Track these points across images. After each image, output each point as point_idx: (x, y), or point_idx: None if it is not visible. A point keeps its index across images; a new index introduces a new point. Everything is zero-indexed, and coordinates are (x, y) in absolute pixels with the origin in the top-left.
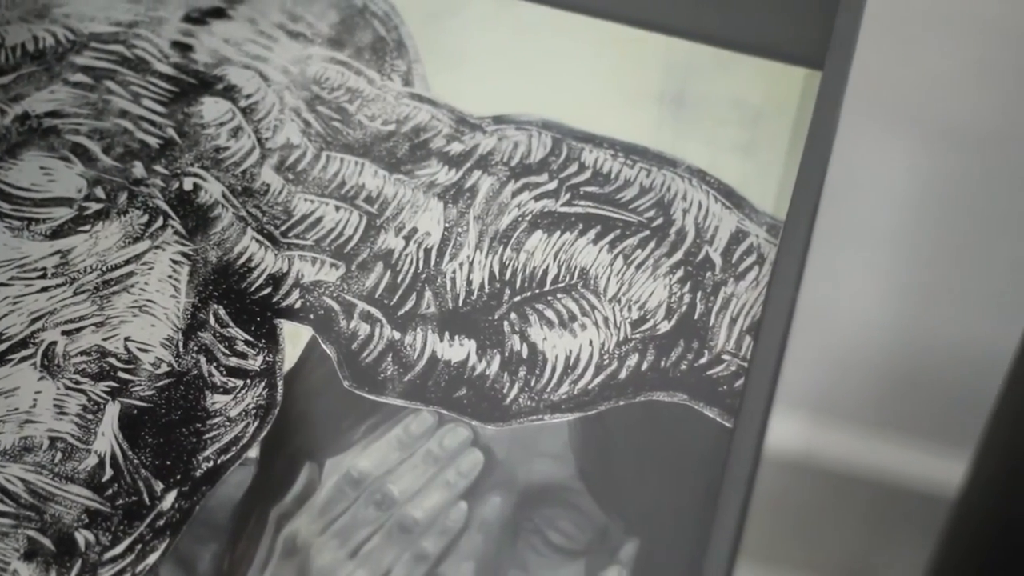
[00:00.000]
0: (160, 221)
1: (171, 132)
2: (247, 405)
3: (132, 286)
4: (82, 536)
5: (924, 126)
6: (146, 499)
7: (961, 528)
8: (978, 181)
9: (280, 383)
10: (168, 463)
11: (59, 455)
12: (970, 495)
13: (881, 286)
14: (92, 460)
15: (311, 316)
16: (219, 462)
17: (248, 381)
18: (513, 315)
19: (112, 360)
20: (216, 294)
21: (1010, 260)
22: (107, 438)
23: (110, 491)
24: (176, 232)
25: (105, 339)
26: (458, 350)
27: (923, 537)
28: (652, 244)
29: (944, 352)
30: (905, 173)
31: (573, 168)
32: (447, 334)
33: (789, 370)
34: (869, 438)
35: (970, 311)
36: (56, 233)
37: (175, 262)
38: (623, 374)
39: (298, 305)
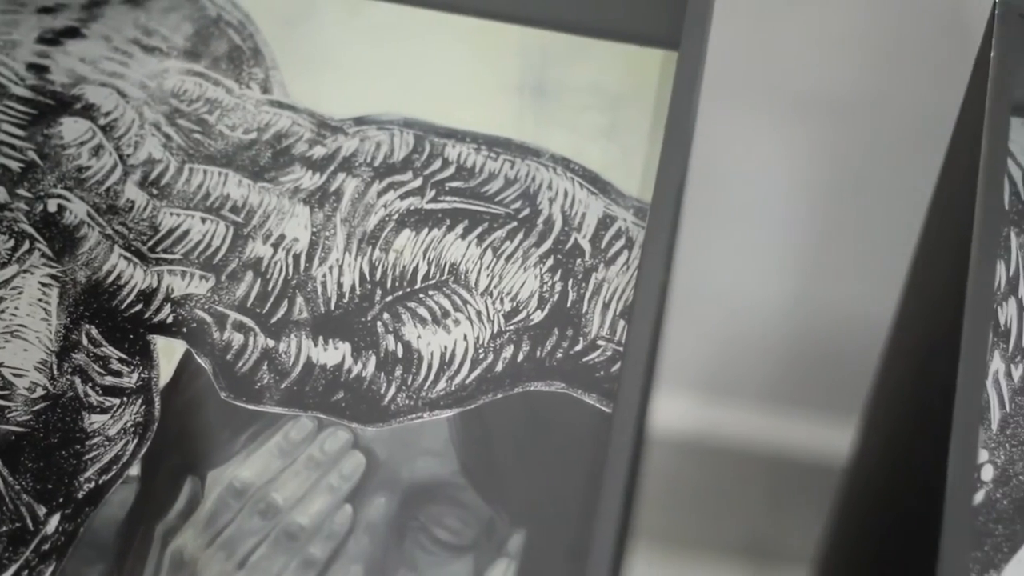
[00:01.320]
0: (27, 245)
1: (32, 155)
2: (125, 423)
3: (2, 312)
4: None
5: (788, 99)
6: (29, 524)
7: (849, 496)
8: (847, 150)
9: (157, 399)
10: (50, 486)
11: None
12: (856, 463)
13: (763, 261)
14: None
15: (184, 330)
16: (101, 482)
17: (125, 399)
18: (386, 315)
19: None
20: (87, 314)
21: (885, 227)
22: None
23: None
24: (43, 255)
25: None
26: (333, 354)
27: (818, 507)
28: (520, 235)
29: (827, 323)
30: (774, 147)
31: (437, 164)
32: (321, 338)
33: (677, 351)
34: (760, 413)
35: (850, 280)
36: None
37: (44, 285)
38: (499, 367)
39: (170, 320)
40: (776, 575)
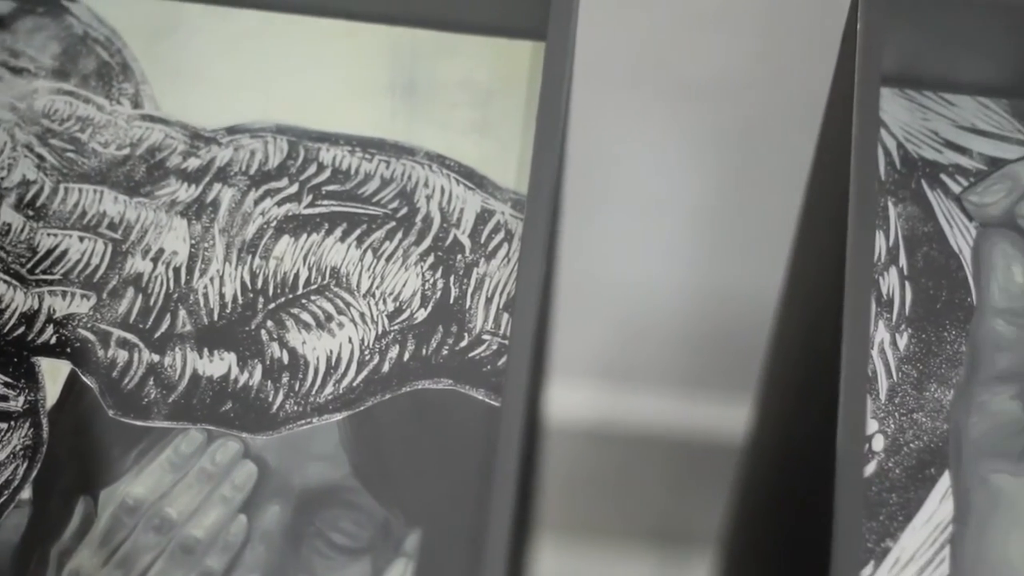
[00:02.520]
0: None
1: None
2: (14, 447)
3: None
4: None
5: (666, 83)
6: None
7: (749, 474)
8: (728, 131)
9: (45, 421)
10: None
11: None
12: (753, 441)
13: (653, 246)
14: None
15: (68, 350)
16: None
17: (12, 423)
18: (270, 323)
19: None
20: None
21: (772, 205)
22: None
23: None
24: None
25: None
26: (219, 364)
27: (723, 488)
28: (400, 234)
29: (720, 304)
30: (656, 132)
31: (312, 169)
32: (206, 350)
33: (573, 340)
34: (660, 397)
35: (740, 260)
36: None
37: None
38: (386, 367)
39: (53, 341)
40: (683, 558)
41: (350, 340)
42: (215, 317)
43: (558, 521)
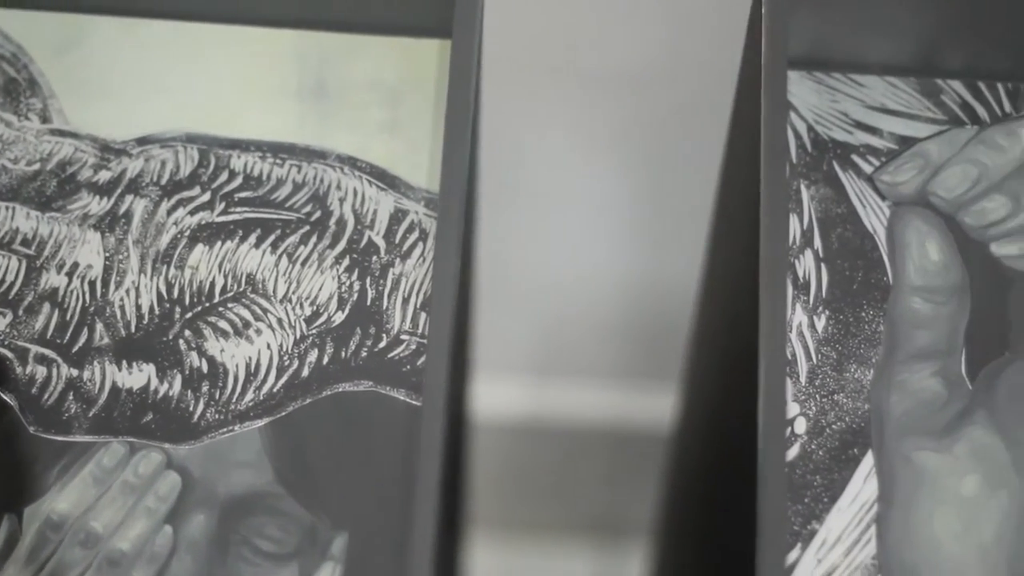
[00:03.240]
0: None
1: None
2: None
3: None
4: None
5: (578, 76)
6: None
7: (677, 462)
8: (644, 121)
9: None
10: None
11: None
12: (680, 429)
13: (576, 240)
14: None
15: None
16: None
17: None
18: (187, 332)
19: None
20: None
21: (690, 193)
22: None
23: None
24: None
25: None
26: (138, 376)
27: (656, 477)
28: (314, 238)
29: (645, 293)
30: (572, 126)
31: (224, 177)
32: (124, 362)
33: (501, 335)
34: (591, 389)
35: (663, 249)
36: None
37: None
38: (306, 372)
39: None
40: (619, 548)
41: (268, 346)
42: (132, 329)
43: (492, 518)
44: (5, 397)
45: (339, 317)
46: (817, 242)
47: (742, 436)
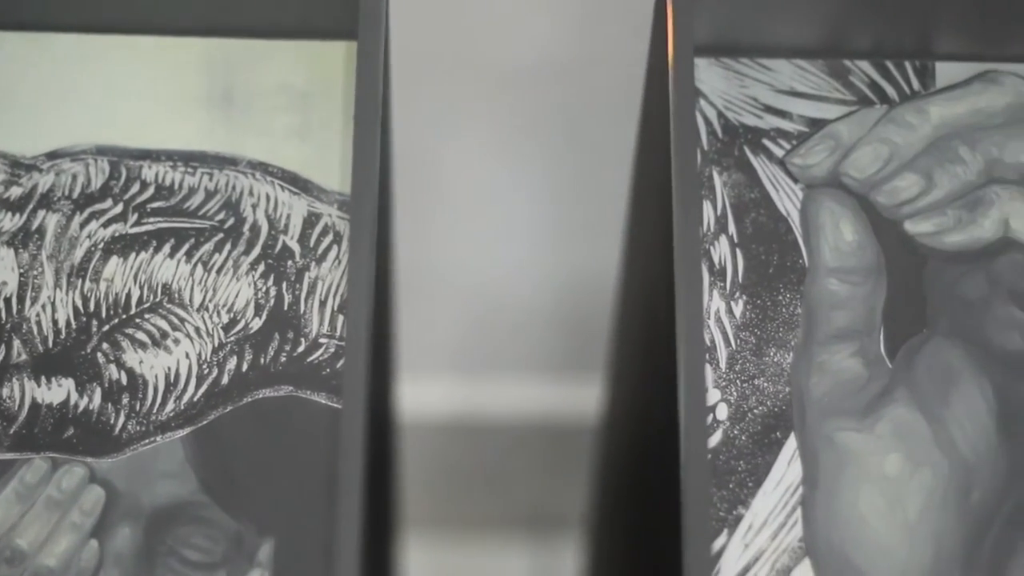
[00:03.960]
0: None
1: None
2: None
3: None
4: None
5: (490, 71)
6: None
7: (606, 453)
8: (558, 114)
9: None
10: None
11: None
12: (607, 420)
13: (498, 235)
14: None
15: None
16: None
17: None
18: (105, 345)
19: None
20: None
21: (607, 184)
22: None
23: None
24: None
25: None
26: (57, 391)
27: (587, 469)
28: (228, 245)
29: (569, 286)
30: (483, 121)
31: (136, 188)
32: (43, 378)
33: (429, 334)
34: (521, 383)
35: (585, 241)
36: None
37: None
38: (225, 379)
39: None
40: (555, 542)
41: (187, 355)
42: (50, 344)
43: (426, 517)
44: None
45: (257, 323)
46: (731, 228)
47: (665, 425)
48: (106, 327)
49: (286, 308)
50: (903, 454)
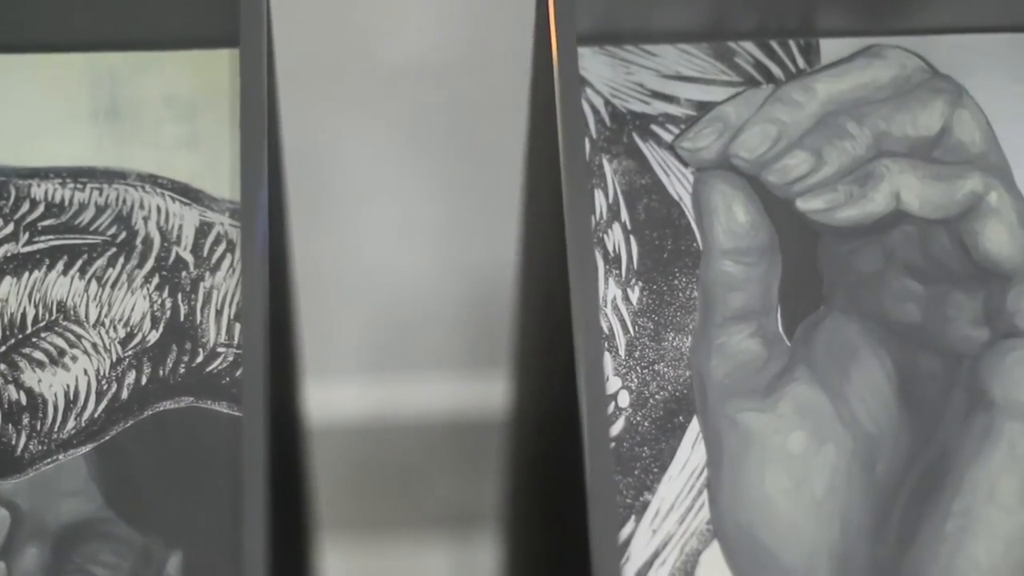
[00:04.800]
0: None
1: None
2: None
3: None
4: None
5: (377, 69)
6: None
7: (515, 447)
8: (451, 109)
9: None
10: None
11: None
12: (514, 414)
13: (395, 233)
14: None
15: None
16: None
17: None
18: (2, 366)
19: None
20: None
21: (504, 178)
22: None
23: None
24: None
25: None
26: None
27: (500, 463)
28: (122, 260)
29: (476, 281)
30: (375, 120)
31: (25, 207)
32: None
33: (339, 338)
34: (434, 381)
35: (483, 235)
36: None
37: None
38: (125, 394)
39: None
40: (474, 538)
41: (86, 372)
42: None
43: (343, 519)
44: None
45: (154, 336)
46: (624, 215)
47: (569, 415)
48: (3, 348)
49: (182, 319)
50: (806, 431)
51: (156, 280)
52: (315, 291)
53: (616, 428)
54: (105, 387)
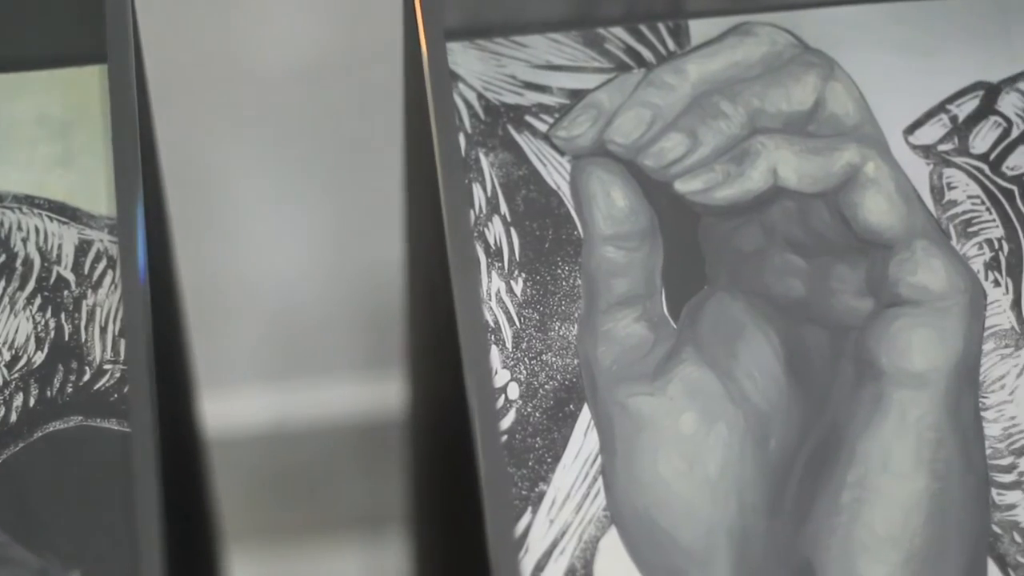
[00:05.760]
0: None
1: None
2: None
3: None
4: None
5: (248, 77)
6: None
7: (413, 447)
8: (332, 112)
9: None
10: None
11: None
12: (411, 413)
13: (282, 240)
14: None
15: None
16: None
17: None
18: None
19: None
20: None
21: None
22: None
23: None
24: None
25: None
26: None
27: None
28: (3, 282)
29: (364, 283)
30: (257, 126)
31: None
32: None
33: (233, 348)
34: (332, 385)
35: (371, 236)
36: None
37: None
38: (13, 417)
39: None
40: (384, 540)
41: None
42: None
43: (250, 529)
44: None
45: (39, 357)
46: (503, 207)
47: (460, 411)
48: None
49: (67, 339)
50: (697, 412)
51: (39, 301)
52: (205, 303)
53: (507, 421)
54: None
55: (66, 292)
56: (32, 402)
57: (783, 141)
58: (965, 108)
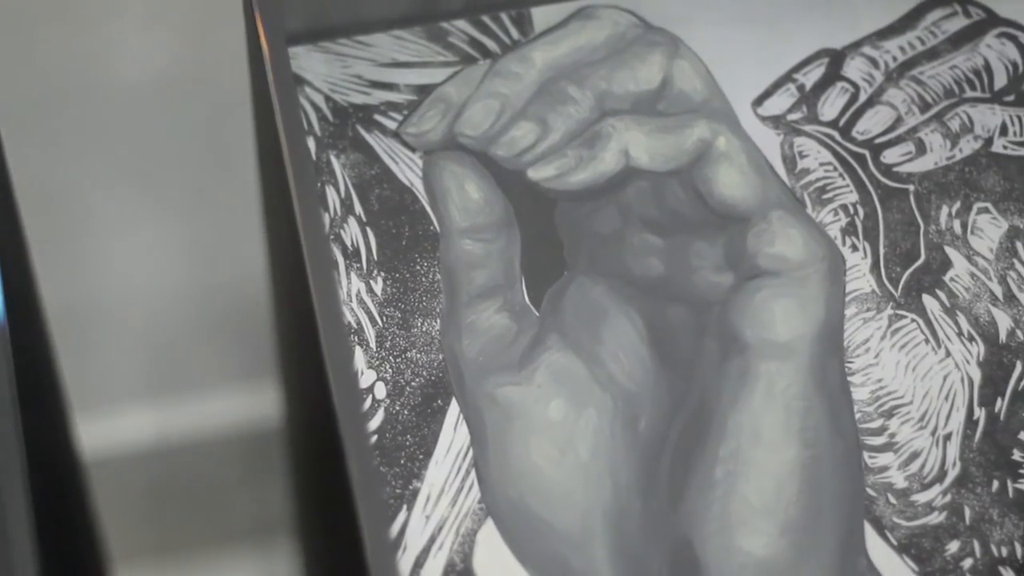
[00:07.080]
0: None
1: None
2: None
3: None
4: None
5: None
6: None
7: (292, 454)
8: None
9: None
10: None
11: None
12: (287, 420)
13: (143, 258)
14: None
15: None
16: None
17: None
18: None
19: None
20: None
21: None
22: None
23: None
24: None
25: None
26: None
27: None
28: None
29: (230, 294)
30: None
31: None
32: None
33: (101, 369)
34: (208, 399)
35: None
36: None
37: None
38: None
39: None
40: (275, 550)
41: None
42: None
43: (137, 549)
44: None
45: None
46: (358, 208)
47: (330, 415)
48: None
49: None
50: (565, 398)
51: None
52: (72, 325)
53: (376, 420)
54: None
55: None
56: None
57: (633, 122)
58: (811, 76)
